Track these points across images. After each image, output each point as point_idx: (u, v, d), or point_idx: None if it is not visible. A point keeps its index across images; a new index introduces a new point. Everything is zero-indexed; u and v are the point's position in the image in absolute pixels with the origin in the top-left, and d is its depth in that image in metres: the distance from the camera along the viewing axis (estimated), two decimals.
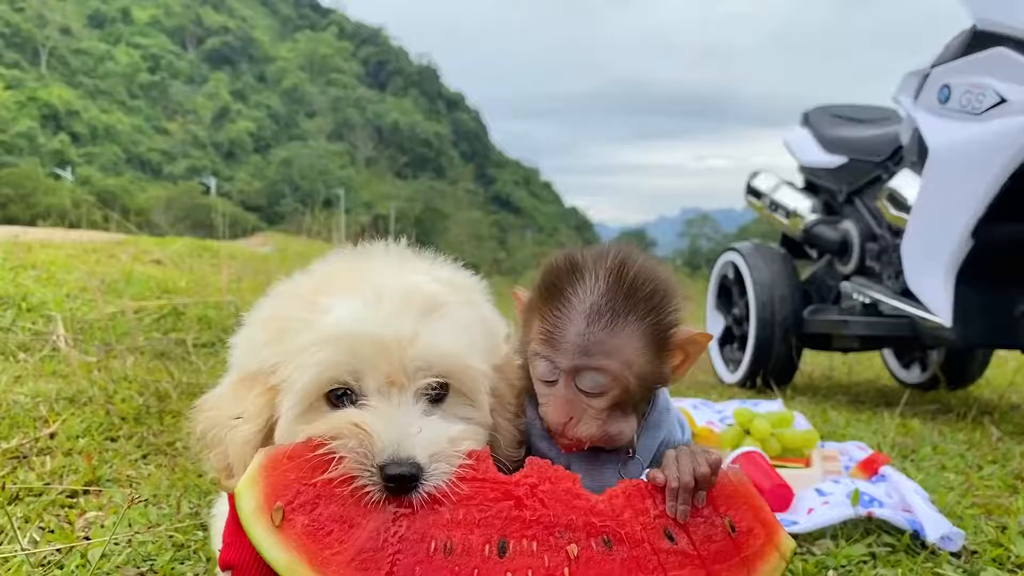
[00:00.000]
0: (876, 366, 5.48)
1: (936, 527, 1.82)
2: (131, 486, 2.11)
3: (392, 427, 1.09)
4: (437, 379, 1.17)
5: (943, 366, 4.40)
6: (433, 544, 1.06)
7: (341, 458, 1.08)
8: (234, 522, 1.24)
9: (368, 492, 1.07)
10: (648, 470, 1.16)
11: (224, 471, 1.21)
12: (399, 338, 1.13)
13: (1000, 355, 5.02)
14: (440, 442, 1.11)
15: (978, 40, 3.22)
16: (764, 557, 1.09)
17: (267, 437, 1.20)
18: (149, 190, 64.07)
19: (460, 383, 1.19)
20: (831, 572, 1.62)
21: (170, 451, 2.53)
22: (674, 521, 1.10)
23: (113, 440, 2.60)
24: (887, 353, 4.89)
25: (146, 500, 1.95)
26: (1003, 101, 3.06)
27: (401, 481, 1.06)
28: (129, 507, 1.78)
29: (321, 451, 1.09)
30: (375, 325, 1.13)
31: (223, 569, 1.24)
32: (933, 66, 3.46)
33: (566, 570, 1.05)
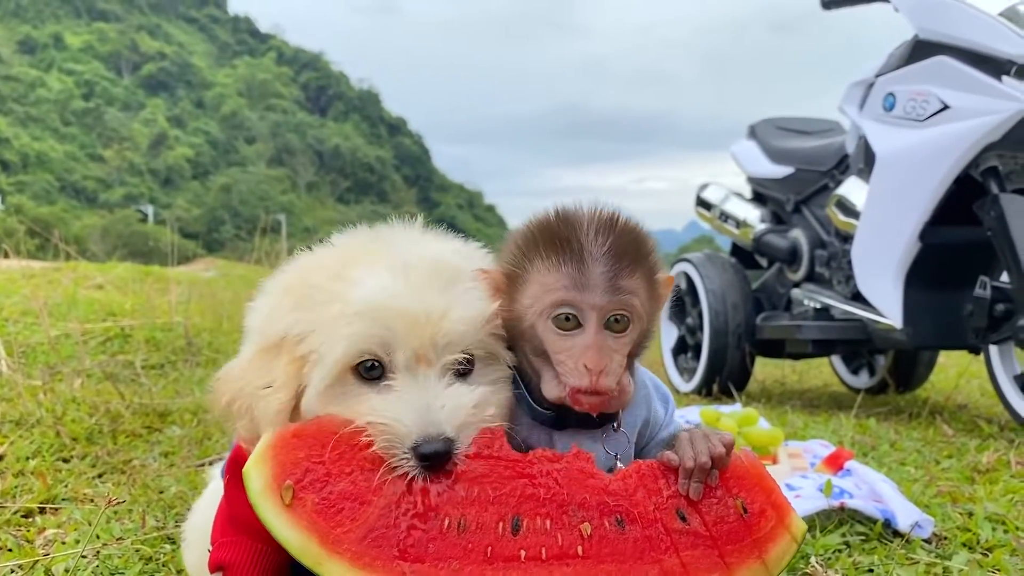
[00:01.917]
0: (826, 373, 5.59)
1: (907, 515, 1.85)
2: (92, 501, 2.04)
3: (415, 409, 1.10)
4: (465, 354, 1.18)
5: (891, 370, 4.50)
6: (447, 521, 1.05)
7: (370, 441, 1.10)
8: (225, 522, 1.21)
9: (406, 475, 1.08)
10: (662, 452, 1.16)
11: (253, 442, 1.18)
12: (429, 313, 1.14)
13: (941, 361, 5.15)
14: (465, 411, 1.12)
15: (920, 49, 3.33)
16: (776, 539, 1.09)
17: (297, 406, 1.19)
18: (84, 218, 62.52)
19: (486, 349, 1.20)
20: (813, 559, 1.64)
21: (127, 469, 2.46)
22: (687, 501, 1.10)
23: (66, 460, 2.52)
24: (836, 360, 4.99)
25: (115, 510, 1.89)
26: (946, 108, 3.16)
27: (436, 458, 1.08)
28: (108, 507, 1.71)
29: (343, 429, 1.10)
30: (406, 299, 1.14)
31: (214, 570, 1.21)
32: (877, 75, 3.56)
33: (579, 548, 1.05)
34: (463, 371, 1.18)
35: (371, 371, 1.15)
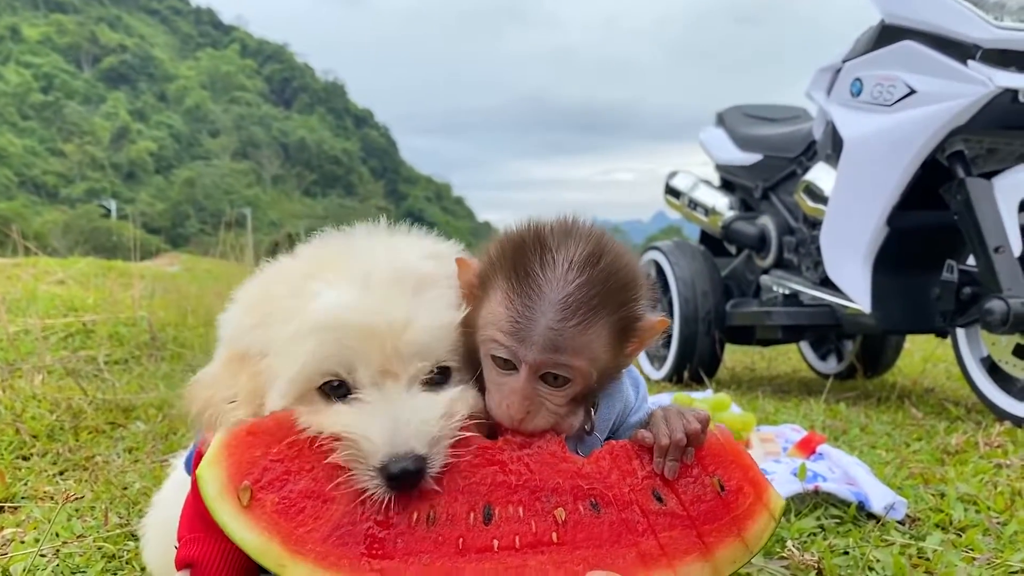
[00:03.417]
0: (794, 359, 5.62)
1: (880, 497, 1.86)
2: (52, 499, 1.98)
3: (382, 424, 1.03)
4: (436, 364, 1.10)
5: (859, 355, 4.53)
6: (415, 514, 1.01)
7: (332, 452, 1.04)
8: (193, 517, 1.17)
9: (373, 496, 1.01)
10: (636, 431, 1.13)
11: None
12: (391, 325, 1.06)
13: (906, 347, 5.21)
14: (434, 424, 1.04)
15: (886, 34, 3.34)
16: (754, 516, 1.07)
17: None
18: (45, 214, 61.33)
19: (460, 357, 1.14)
20: (789, 543, 1.63)
21: (89, 466, 2.39)
22: (663, 482, 1.07)
23: (25, 458, 2.45)
24: (804, 346, 5.02)
25: (76, 507, 1.83)
26: (912, 92, 3.17)
27: (405, 477, 1.00)
28: (65, 503, 1.66)
29: (294, 429, 1.05)
30: (364, 313, 1.06)
31: (181, 568, 1.16)
32: (844, 61, 3.57)
33: (554, 535, 1.02)
34: (436, 381, 1.11)
35: (336, 389, 1.09)
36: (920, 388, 4.18)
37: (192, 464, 1.23)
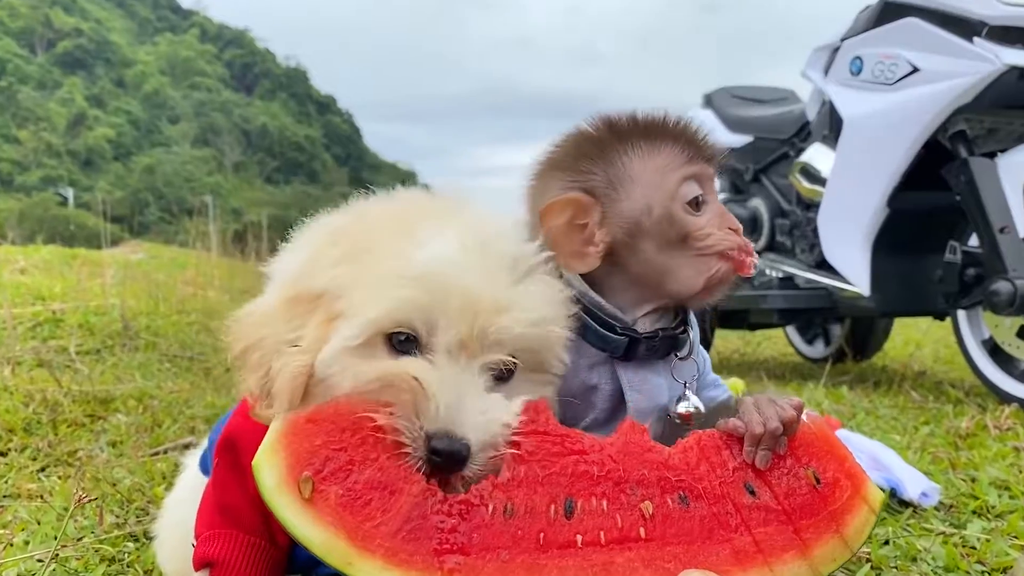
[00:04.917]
0: (780, 344, 5.59)
1: (914, 483, 1.79)
2: (40, 498, 1.85)
3: (453, 395, 0.93)
4: (512, 358, 1.00)
5: (848, 338, 4.50)
6: (491, 506, 0.91)
7: (387, 410, 0.92)
8: (214, 510, 1.06)
9: (407, 458, 0.92)
10: (723, 420, 1.04)
11: (263, 399, 1.00)
12: (494, 300, 0.97)
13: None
14: (495, 428, 0.95)
15: (888, 11, 3.28)
16: (853, 511, 0.98)
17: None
18: None
19: (536, 356, 1.04)
20: None
21: (73, 461, 2.26)
22: (755, 473, 0.98)
23: (3, 454, 2.31)
24: (790, 330, 4.98)
25: (67, 506, 1.71)
26: (915, 70, 3.12)
27: (447, 458, 0.91)
28: (77, 506, 1.53)
29: (358, 409, 0.93)
30: (471, 277, 0.97)
31: (200, 567, 1.05)
32: (843, 39, 3.51)
33: (641, 530, 0.92)
34: (500, 377, 1.02)
35: (404, 344, 0.98)
36: (912, 371, 4.16)
37: (216, 452, 1.11)
